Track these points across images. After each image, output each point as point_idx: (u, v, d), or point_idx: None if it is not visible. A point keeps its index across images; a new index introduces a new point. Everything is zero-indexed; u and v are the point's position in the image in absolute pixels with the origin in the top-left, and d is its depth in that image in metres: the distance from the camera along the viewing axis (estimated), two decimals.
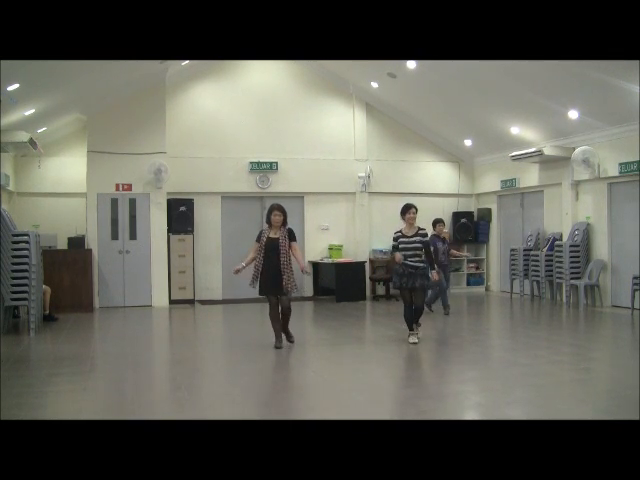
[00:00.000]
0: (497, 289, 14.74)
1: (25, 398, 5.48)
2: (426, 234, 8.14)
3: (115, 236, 12.53)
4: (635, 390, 5.48)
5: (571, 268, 11.75)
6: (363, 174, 14.17)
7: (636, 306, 10.51)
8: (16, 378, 6.30)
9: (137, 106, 12.55)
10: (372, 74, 12.99)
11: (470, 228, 14.76)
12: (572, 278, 11.75)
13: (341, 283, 13.10)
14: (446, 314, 10.74)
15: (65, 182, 13.15)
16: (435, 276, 8.08)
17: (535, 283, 13.07)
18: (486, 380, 6.31)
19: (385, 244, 13.76)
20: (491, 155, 14.38)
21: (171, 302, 12.76)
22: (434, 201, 14.47)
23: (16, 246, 9.13)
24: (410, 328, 8.06)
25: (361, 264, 13.74)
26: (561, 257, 11.92)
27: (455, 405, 5.41)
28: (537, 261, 12.68)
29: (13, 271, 9.06)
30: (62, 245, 12.29)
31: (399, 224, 8.32)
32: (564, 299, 12.20)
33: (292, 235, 7.72)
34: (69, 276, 11.74)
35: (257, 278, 7.65)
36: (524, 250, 13.11)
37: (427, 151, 14.85)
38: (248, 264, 7.70)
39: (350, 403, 5.43)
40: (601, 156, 11.24)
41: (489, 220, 14.89)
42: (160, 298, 12.67)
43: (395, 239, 8.05)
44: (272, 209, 7.73)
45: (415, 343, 7.89)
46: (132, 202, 12.63)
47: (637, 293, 10.46)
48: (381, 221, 14.08)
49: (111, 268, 12.46)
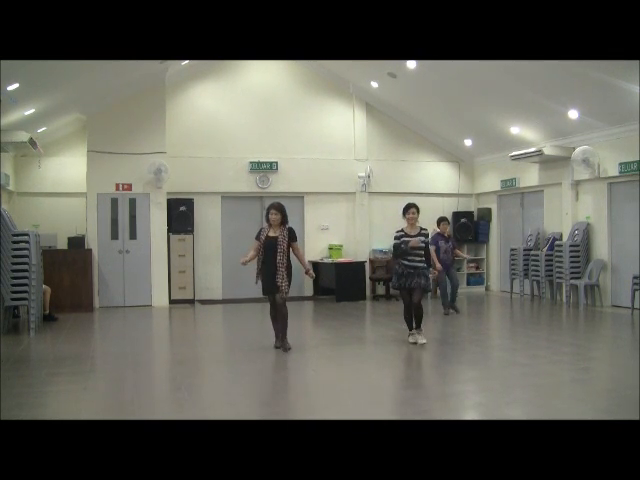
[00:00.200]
0: (497, 289, 14.74)
1: (25, 398, 5.48)
2: (427, 234, 8.14)
3: (115, 236, 12.54)
4: (635, 390, 5.48)
5: (571, 268, 11.75)
6: (363, 174, 14.18)
7: (636, 306, 10.51)
8: (16, 378, 6.29)
9: (137, 106, 12.55)
10: (372, 74, 12.99)
11: (470, 228, 14.76)
12: (572, 278, 11.75)
13: (341, 283, 13.11)
14: (446, 314, 10.74)
15: (65, 182, 13.16)
16: (436, 271, 8.11)
17: (535, 283, 13.07)
18: (486, 380, 6.30)
19: (385, 244, 13.78)
20: (491, 155, 14.38)
21: (171, 302, 12.77)
22: (434, 201, 14.47)
23: (16, 246, 9.13)
24: (410, 328, 8.06)
25: (361, 264, 13.74)
26: (561, 257, 11.93)
27: (455, 405, 5.41)
28: (537, 261, 12.67)
29: (13, 271, 9.07)
30: (62, 245, 12.30)
31: (399, 224, 8.32)
32: (564, 299, 12.20)
33: (292, 235, 7.65)
34: (69, 276, 11.74)
35: (259, 276, 7.69)
36: (524, 250, 13.10)
37: (427, 151, 14.85)
38: (251, 259, 7.70)
39: (350, 403, 5.42)
40: (601, 156, 11.24)
41: (489, 220, 14.89)
42: (160, 298, 12.67)
43: (397, 237, 7.93)
44: (269, 208, 7.73)
45: (415, 343, 7.86)
46: (132, 202, 12.63)
47: (637, 293, 10.46)
48: (381, 221, 14.09)
49: (111, 268, 12.46)
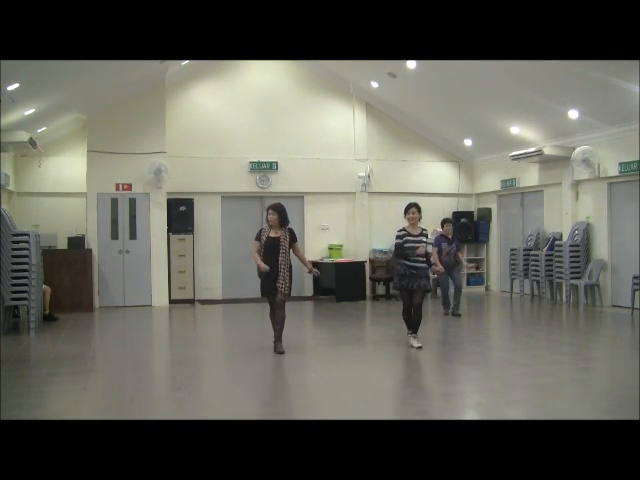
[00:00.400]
0: (497, 289, 14.74)
1: (25, 398, 5.48)
2: (427, 235, 8.13)
3: (115, 236, 12.54)
4: (635, 390, 5.48)
5: (571, 268, 11.75)
6: (363, 174, 14.17)
7: (636, 306, 10.51)
8: (16, 378, 6.29)
9: (137, 106, 12.55)
10: (372, 74, 12.99)
11: (470, 228, 14.76)
12: (572, 278, 11.75)
13: (341, 283, 13.11)
14: (445, 314, 10.75)
15: (65, 182, 13.15)
16: (437, 270, 8.19)
17: (535, 283, 13.07)
18: (486, 380, 6.30)
19: (385, 244, 13.78)
20: (491, 155, 14.38)
21: (171, 302, 12.77)
22: (434, 201, 14.45)
23: (16, 246, 9.13)
24: (409, 328, 8.02)
25: (361, 264, 13.74)
26: (561, 257, 11.93)
27: (455, 405, 5.41)
28: (537, 261, 12.67)
29: (13, 271, 9.07)
30: (62, 245, 12.29)
31: (399, 224, 8.28)
32: (564, 299, 12.20)
33: (293, 236, 7.60)
34: (69, 276, 11.74)
35: (261, 275, 7.55)
36: (524, 250, 13.10)
37: (427, 151, 14.85)
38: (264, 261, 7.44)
39: (350, 403, 5.42)
40: (601, 156, 11.24)
41: (489, 220, 14.89)
42: (160, 298, 12.67)
43: (400, 237, 7.76)
44: (268, 208, 7.73)
45: (412, 346, 7.75)
46: (132, 202, 12.63)
47: (637, 293, 10.46)
48: (381, 221, 14.09)
49: (111, 268, 12.46)
